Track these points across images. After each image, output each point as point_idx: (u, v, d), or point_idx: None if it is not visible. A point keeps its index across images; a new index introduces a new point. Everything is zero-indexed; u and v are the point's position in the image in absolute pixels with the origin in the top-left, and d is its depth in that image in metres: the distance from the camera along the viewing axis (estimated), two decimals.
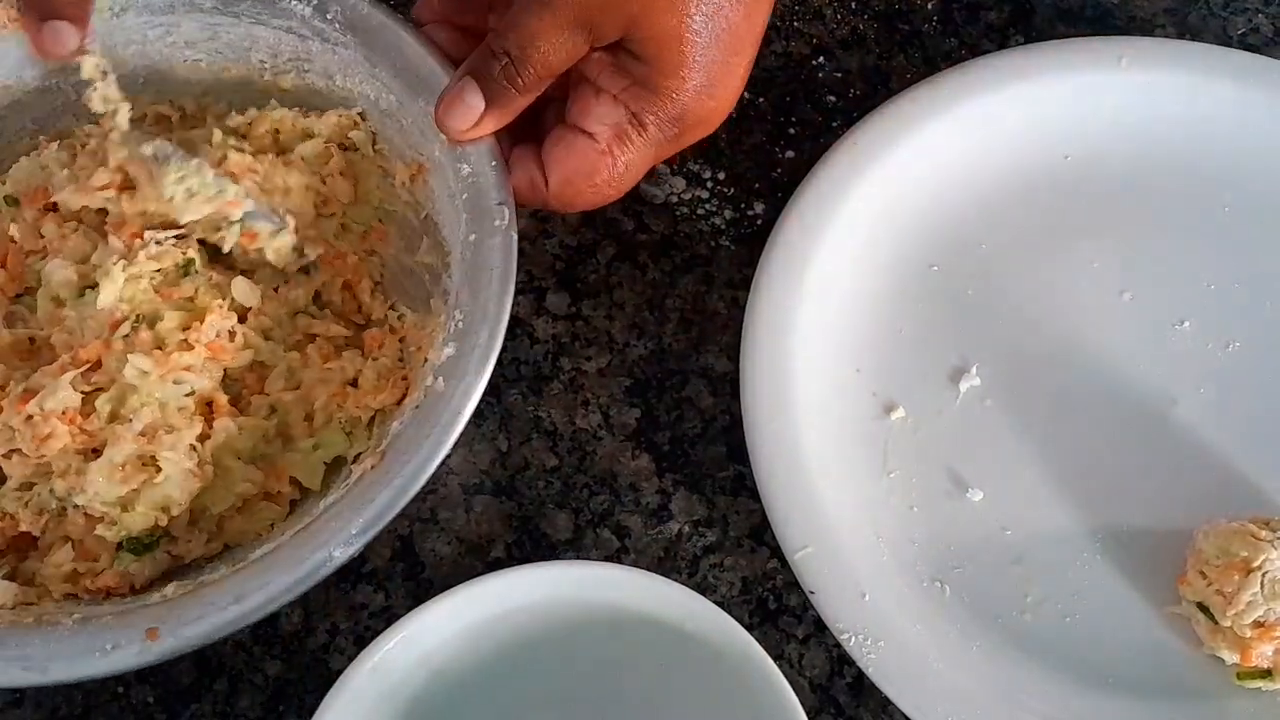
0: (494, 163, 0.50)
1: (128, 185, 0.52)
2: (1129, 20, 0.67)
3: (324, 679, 0.48)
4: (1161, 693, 0.50)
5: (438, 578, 0.53)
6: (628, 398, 0.57)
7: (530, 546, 0.54)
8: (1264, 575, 0.47)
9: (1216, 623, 0.49)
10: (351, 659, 0.42)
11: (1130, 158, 0.61)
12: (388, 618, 0.52)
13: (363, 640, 0.51)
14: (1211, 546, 0.49)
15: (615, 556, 0.54)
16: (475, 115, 0.48)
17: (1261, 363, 0.56)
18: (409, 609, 0.43)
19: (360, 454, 0.50)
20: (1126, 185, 0.61)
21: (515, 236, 0.49)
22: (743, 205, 0.62)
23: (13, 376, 0.50)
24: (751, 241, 0.60)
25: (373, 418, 0.51)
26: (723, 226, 0.61)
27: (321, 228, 0.55)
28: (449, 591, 0.43)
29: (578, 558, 0.54)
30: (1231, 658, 0.49)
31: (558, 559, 0.54)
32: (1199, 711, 0.49)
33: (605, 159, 0.48)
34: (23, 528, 0.49)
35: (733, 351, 0.57)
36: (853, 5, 0.67)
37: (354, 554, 0.44)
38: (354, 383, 0.52)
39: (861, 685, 0.51)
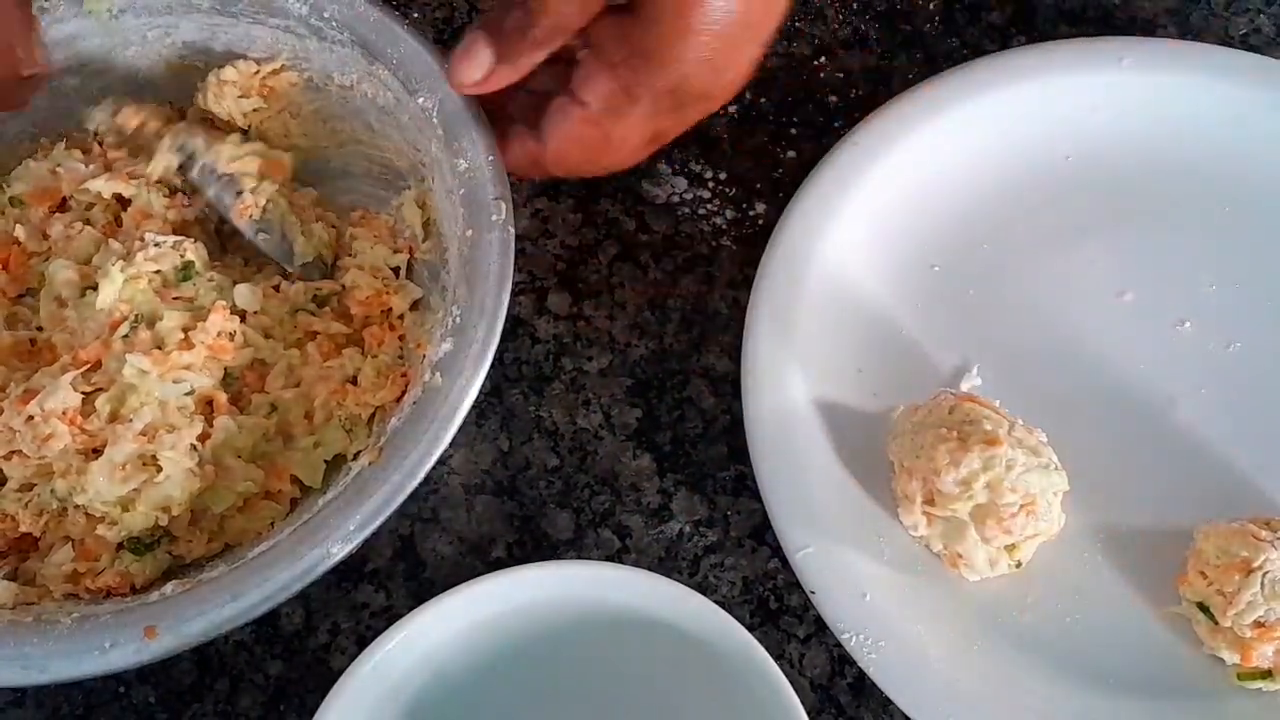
0: (490, 157, 0.50)
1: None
2: (1130, 21, 0.67)
3: (325, 679, 0.48)
4: (1161, 693, 0.50)
5: (439, 577, 0.53)
6: (629, 398, 0.57)
7: (531, 546, 0.54)
8: (1264, 575, 0.47)
9: (1216, 623, 0.48)
10: (353, 659, 0.42)
11: (1131, 158, 0.61)
12: (389, 617, 0.52)
13: (364, 640, 0.51)
14: (1211, 546, 0.49)
15: (616, 556, 0.54)
16: (486, 66, 0.49)
17: (1261, 363, 0.56)
18: (410, 609, 0.43)
19: (360, 451, 0.50)
20: (1127, 185, 0.60)
21: (513, 231, 0.49)
22: (744, 205, 0.62)
23: (13, 377, 0.50)
24: (753, 241, 0.60)
25: (373, 415, 0.51)
26: (724, 226, 0.61)
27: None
28: (450, 591, 0.43)
29: (579, 558, 0.54)
30: (1232, 658, 0.49)
31: (559, 559, 0.54)
32: (1199, 711, 0.49)
33: (595, 129, 0.49)
34: (23, 528, 0.49)
35: (734, 351, 0.57)
36: (855, 5, 0.67)
37: (352, 550, 0.44)
38: (354, 380, 0.52)
39: (862, 685, 0.51)
